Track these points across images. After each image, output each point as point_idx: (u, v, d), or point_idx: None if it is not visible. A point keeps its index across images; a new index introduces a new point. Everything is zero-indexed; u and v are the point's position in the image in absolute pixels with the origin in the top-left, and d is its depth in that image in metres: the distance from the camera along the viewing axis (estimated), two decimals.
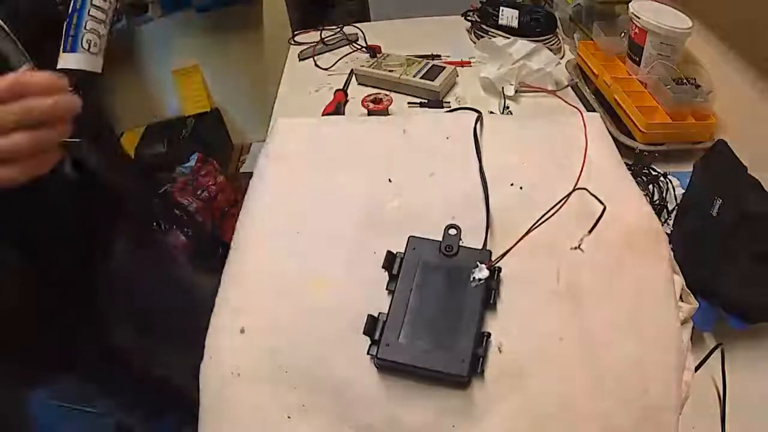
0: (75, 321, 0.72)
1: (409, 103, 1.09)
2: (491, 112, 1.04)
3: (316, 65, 1.24)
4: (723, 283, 0.66)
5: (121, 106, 2.12)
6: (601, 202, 0.54)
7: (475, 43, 1.24)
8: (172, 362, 0.75)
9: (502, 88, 1.07)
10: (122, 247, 0.79)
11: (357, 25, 1.35)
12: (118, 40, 1.92)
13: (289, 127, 0.69)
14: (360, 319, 0.49)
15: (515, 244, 0.51)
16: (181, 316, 0.82)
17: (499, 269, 0.51)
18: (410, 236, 0.54)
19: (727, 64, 0.95)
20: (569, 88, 1.12)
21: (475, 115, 0.67)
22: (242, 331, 0.52)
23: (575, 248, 0.53)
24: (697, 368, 0.57)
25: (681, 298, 0.56)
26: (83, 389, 0.86)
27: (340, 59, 1.25)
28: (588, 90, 1.08)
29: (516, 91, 1.07)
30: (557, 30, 1.28)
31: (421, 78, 1.09)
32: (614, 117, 0.98)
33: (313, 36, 1.33)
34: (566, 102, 1.00)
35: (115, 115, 2.11)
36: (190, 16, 1.99)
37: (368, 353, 0.48)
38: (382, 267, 0.53)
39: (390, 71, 1.12)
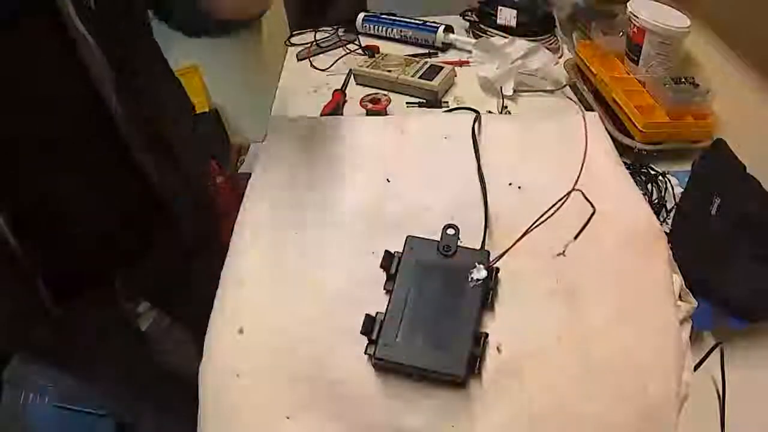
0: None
1: (407, 103, 1.09)
2: (489, 112, 1.04)
3: (312, 66, 1.23)
4: (722, 282, 0.66)
5: None
6: (592, 205, 0.54)
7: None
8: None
9: (501, 87, 1.07)
10: None
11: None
12: None
13: (287, 127, 0.69)
14: (358, 318, 0.49)
15: (513, 245, 0.51)
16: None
17: (497, 269, 0.51)
18: (408, 236, 0.54)
19: (726, 63, 0.94)
20: (568, 87, 1.11)
21: (474, 114, 0.67)
22: (241, 331, 0.51)
23: (559, 254, 0.53)
24: (696, 367, 0.57)
25: (680, 297, 0.56)
26: None
27: (338, 59, 1.25)
28: (586, 89, 1.07)
29: (514, 91, 1.07)
30: (555, 29, 1.28)
31: (420, 78, 1.09)
32: (613, 116, 0.98)
33: (309, 37, 1.33)
34: (565, 102, 1.00)
35: None
36: None
37: (366, 353, 0.48)
38: (380, 267, 0.53)
39: (388, 71, 1.12)
